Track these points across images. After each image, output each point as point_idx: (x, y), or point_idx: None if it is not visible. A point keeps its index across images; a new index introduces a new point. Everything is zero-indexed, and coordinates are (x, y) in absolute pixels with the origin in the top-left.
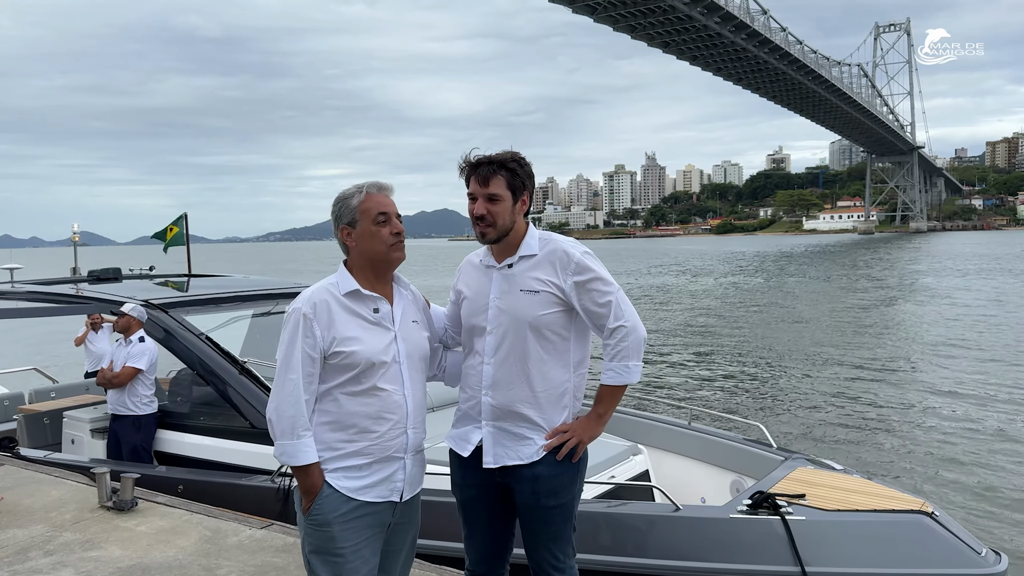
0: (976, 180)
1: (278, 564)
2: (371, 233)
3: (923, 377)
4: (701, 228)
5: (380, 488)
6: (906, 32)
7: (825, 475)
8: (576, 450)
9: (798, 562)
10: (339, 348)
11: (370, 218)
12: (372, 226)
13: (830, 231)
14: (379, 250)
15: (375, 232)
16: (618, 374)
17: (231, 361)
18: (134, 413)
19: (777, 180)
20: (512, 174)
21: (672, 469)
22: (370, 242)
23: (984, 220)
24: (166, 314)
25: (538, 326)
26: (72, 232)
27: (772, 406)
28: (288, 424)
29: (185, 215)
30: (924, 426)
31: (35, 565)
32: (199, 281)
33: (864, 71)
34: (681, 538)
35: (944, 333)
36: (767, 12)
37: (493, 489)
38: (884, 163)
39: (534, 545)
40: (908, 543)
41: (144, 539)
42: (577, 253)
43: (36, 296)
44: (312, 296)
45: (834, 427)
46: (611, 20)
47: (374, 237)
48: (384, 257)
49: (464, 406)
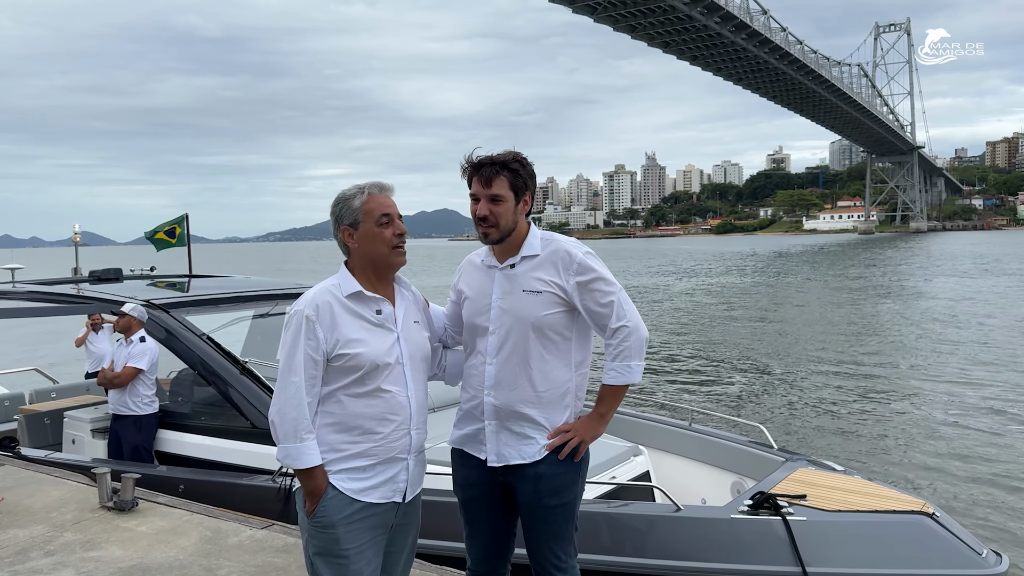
0: (976, 180)
1: (279, 564)
2: (374, 235)
3: (924, 378)
4: (701, 228)
5: (384, 489)
6: (906, 32)
7: (826, 476)
8: (578, 449)
9: (799, 562)
10: (343, 350)
11: (373, 219)
12: (375, 227)
13: (830, 231)
14: (381, 252)
15: (378, 234)
16: (620, 374)
17: (232, 361)
18: (135, 413)
19: (777, 180)
20: (514, 175)
21: (673, 470)
22: (372, 244)
23: (984, 220)
24: (167, 314)
25: (540, 326)
26: (73, 232)
27: (773, 407)
28: (291, 427)
29: (186, 215)
30: (925, 427)
31: (36, 565)
32: (200, 282)
33: (864, 71)
34: (682, 538)
35: (945, 334)
36: (767, 12)
37: (495, 488)
38: (884, 163)
39: (536, 544)
40: (909, 544)
41: (145, 539)
42: (579, 253)
43: (37, 296)
44: (314, 298)
45: (835, 428)
46: (611, 20)
47: (376, 239)
48: (386, 260)
49: (466, 406)
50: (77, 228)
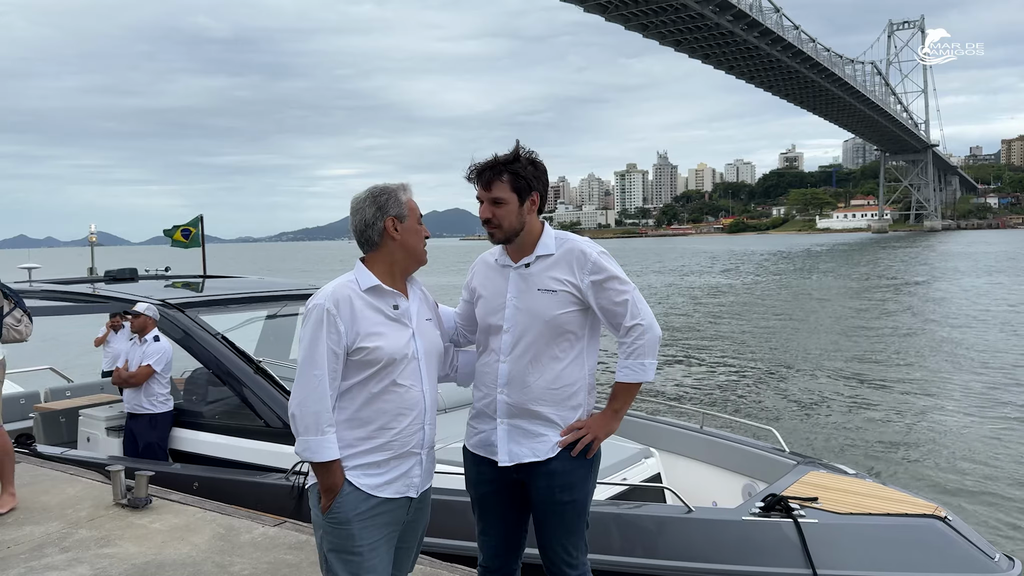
0: (991, 178)
1: (291, 561)
2: (415, 230)
3: (938, 381)
4: (713, 227)
5: (398, 484)
6: (920, 29)
7: (838, 479)
8: (591, 446)
9: (810, 565)
10: (363, 344)
11: (415, 216)
12: (416, 224)
13: (843, 230)
14: (419, 248)
15: (418, 230)
16: (634, 371)
17: (247, 361)
18: (150, 412)
19: (790, 179)
20: (516, 176)
21: (684, 472)
22: (414, 238)
23: (999, 219)
24: (183, 314)
25: (555, 325)
26: (89, 233)
27: (784, 410)
28: (312, 420)
29: (201, 217)
30: (938, 430)
31: (51, 562)
32: (214, 282)
33: (878, 69)
34: (694, 540)
35: (962, 336)
36: (779, 10)
37: (508, 486)
38: (898, 161)
39: (547, 541)
40: (921, 547)
41: (158, 536)
42: (594, 253)
43: (54, 295)
44: (334, 292)
45: (847, 431)
46: (622, 19)
47: (417, 234)
48: (421, 256)
49: (479, 404)
50: (93, 228)
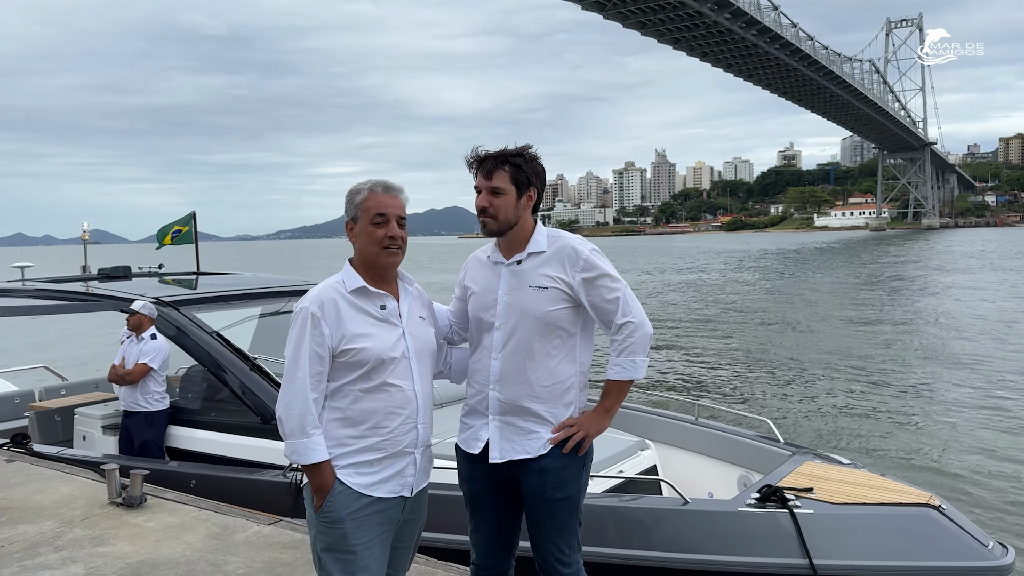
0: (989, 176)
1: (286, 560)
2: (367, 232)
3: (930, 372)
4: (711, 225)
5: (392, 483)
6: (918, 28)
7: (833, 469)
8: (583, 443)
9: (806, 555)
10: (349, 345)
11: (368, 217)
12: (368, 225)
13: (841, 228)
14: (371, 251)
15: (371, 232)
16: (625, 369)
17: (242, 357)
18: (146, 409)
19: (788, 177)
20: (516, 169)
21: (680, 464)
22: (364, 241)
23: (997, 217)
24: (177, 311)
25: (546, 322)
26: (82, 231)
27: (779, 401)
28: (297, 423)
29: (193, 214)
30: (931, 420)
31: (45, 560)
32: (208, 279)
33: (876, 67)
34: (690, 531)
35: (955, 329)
36: (778, 8)
37: (500, 483)
38: (896, 159)
39: (540, 538)
40: (915, 536)
41: (153, 535)
42: (585, 250)
43: (46, 294)
44: (319, 295)
45: (841, 422)
46: (620, 17)
47: (368, 237)
48: (375, 258)
49: (472, 400)
50: (86, 226)
